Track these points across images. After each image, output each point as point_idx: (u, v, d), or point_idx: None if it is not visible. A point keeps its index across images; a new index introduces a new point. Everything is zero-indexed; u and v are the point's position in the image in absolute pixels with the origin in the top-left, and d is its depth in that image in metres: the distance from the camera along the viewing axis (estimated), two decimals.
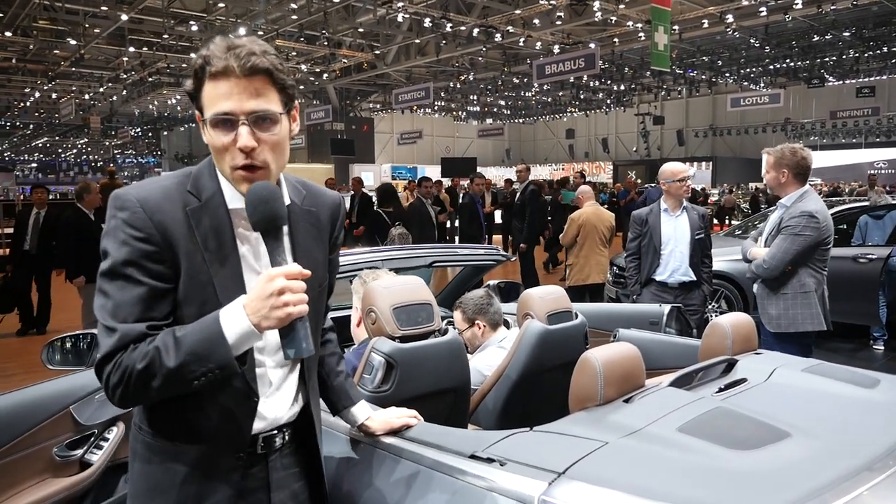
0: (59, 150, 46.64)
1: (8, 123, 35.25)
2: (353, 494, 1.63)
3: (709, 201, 22.12)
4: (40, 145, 44.55)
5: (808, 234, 3.44)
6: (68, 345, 2.53)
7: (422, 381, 2.00)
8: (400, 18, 17.79)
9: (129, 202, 1.24)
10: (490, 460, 1.41)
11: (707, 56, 23.87)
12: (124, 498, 1.88)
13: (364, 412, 1.66)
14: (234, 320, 1.19)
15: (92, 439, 2.22)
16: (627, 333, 2.89)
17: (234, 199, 1.32)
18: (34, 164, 47.48)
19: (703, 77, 26.43)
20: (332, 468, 1.72)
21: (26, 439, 1.99)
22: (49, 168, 46.84)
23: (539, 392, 2.46)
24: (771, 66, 24.90)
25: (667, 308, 3.32)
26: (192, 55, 19.49)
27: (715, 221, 20.81)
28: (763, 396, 1.66)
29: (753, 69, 25.56)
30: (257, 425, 1.36)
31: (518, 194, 9.09)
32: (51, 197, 23.83)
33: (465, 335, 2.77)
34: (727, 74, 26.13)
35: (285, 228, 1.35)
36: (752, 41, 20.95)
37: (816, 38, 21.00)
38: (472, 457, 1.44)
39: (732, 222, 18.58)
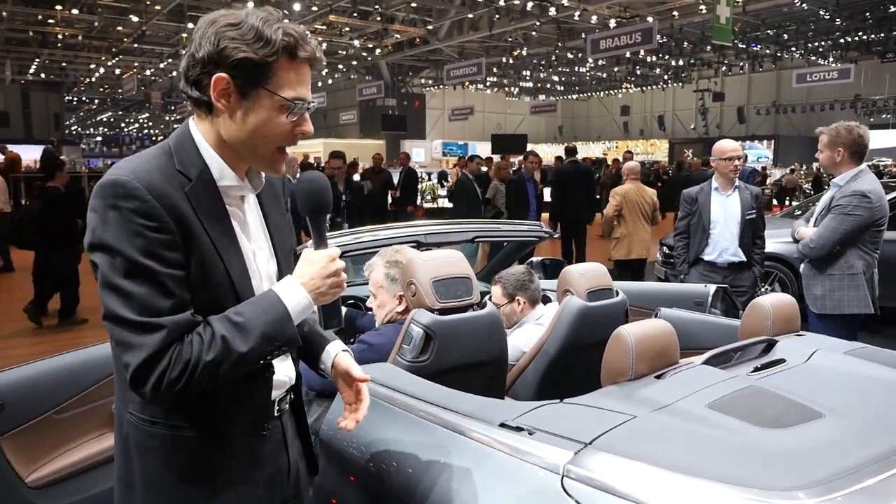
0: (122, 125, 48.23)
1: (74, 98, 36.59)
2: (385, 458, 1.70)
3: (767, 182, 21.40)
4: (104, 119, 46.14)
5: (859, 213, 3.34)
6: None
7: (459, 352, 2.04)
8: None
9: (136, 190, 1.16)
10: (519, 429, 1.45)
11: (772, 29, 22.88)
12: None
13: (338, 346, 1.53)
14: (295, 298, 1.24)
15: None
16: (669, 312, 2.86)
17: (224, 175, 1.29)
18: (99, 138, 49.30)
19: (768, 51, 25.38)
20: (366, 433, 1.79)
21: (90, 394, 2.12)
22: (112, 141, 48.49)
23: (577, 368, 2.48)
24: (841, 40, 23.70)
25: (712, 288, 3.27)
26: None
27: (775, 202, 20.15)
28: (800, 377, 1.64)
29: (822, 43, 24.39)
30: (275, 392, 1.40)
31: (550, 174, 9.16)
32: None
33: (504, 310, 2.79)
34: (793, 48, 25.02)
35: (257, 201, 1.39)
36: (821, 13, 20.00)
37: (893, 8, 19.87)
38: (502, 425, 1.49)
39: (793, 203, 17.95)
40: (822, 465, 1.20)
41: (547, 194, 12.99)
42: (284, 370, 1.43)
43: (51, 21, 19.22)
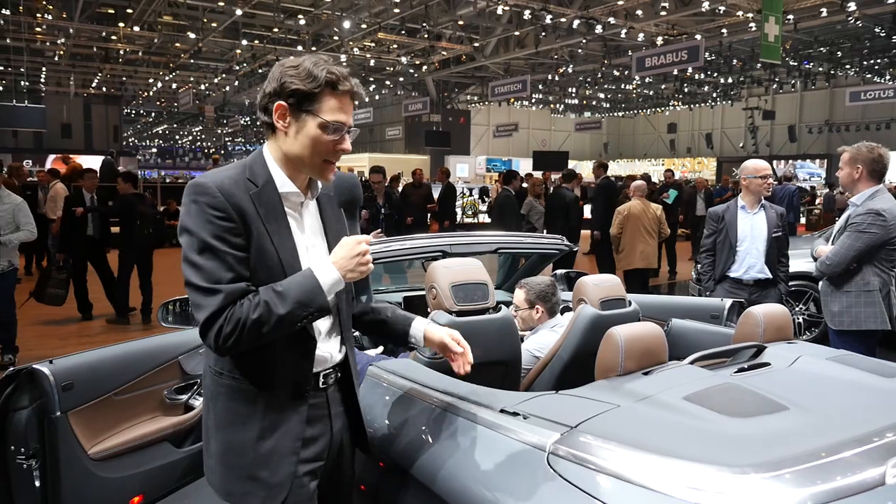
0: (177, 137, 50.00)
1: (133, 111, 38.18)
2: (406, 442, 1.90)
3: (816, 202, 20.99)
4: (160, 132, 47.92)
5: (874, 231, 3.42)
6: (178, 307, 2.94)
7: (474, 352, 2.22)
8: (500, 11, 17.92)
9: (209, 189, 1.52)
10: (516, 414, 1.63)
11: (825, 47, 22.44)
12: None
13: (423, 324, 1.91)
14: (326, 274, 1.55)
15: (195, 387, 2.60)
16: (680, 323, 2.99)
17: (284, 184, 1.63)
18: (154, 150, 51.16)
19: (821, 69, 24.89)
20: (392, 422, 1.99)
21: (145, 380, 2.37)
22: (167, 153, 50.33)
23: (588, 373, 2.63)
24: None
25: (728, 302, 3.37)
26: (300, 48, 20.51)
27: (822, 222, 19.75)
28: (779, 378, 1.78)
29: (878, 60, 23.80)
30: (318, 365, 1.69)
31: (594, 191, 9.35)
32: (167, 181, 25.72)
33: (522, 314, 2.97)
34: (847, 66, 24.48)
35: (317, 208, 1.71)
36: (877, 30, 19.56)
37: None
38: (502, 411, 1.67)
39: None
40: (775, 448, 1.35)
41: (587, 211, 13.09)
42: (327, 348, 1.72)
43: (113, 38, 20.19)
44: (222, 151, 42.02)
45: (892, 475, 1.27)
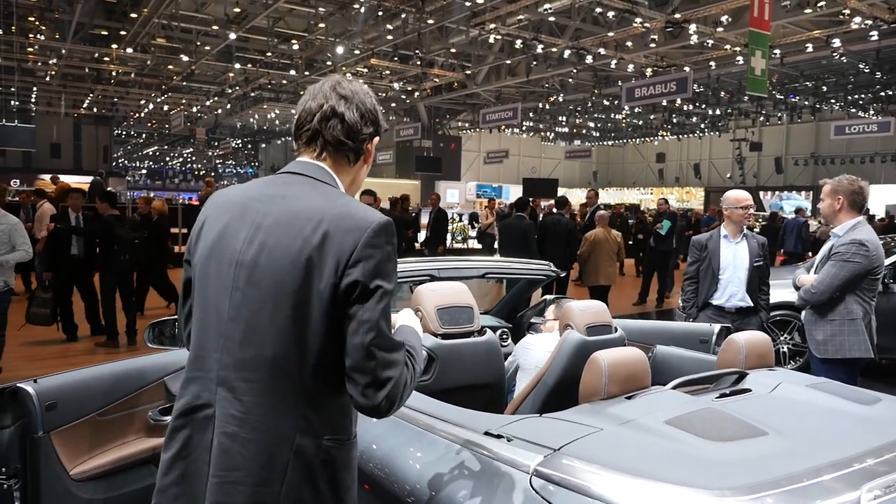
0: (167, 159, 49.96)
1: (123, 132, 38.18)
2: (391, 464, 1.90)
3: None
4: (150, 153, 47.90)
5: (858, 261, 3.50)
6: (166, 328, 2.93)
7: (459, 374, 2.24)
8: (492, 40, 18.17)
9: (394, 228, 1.36)
10: (500, 436, 1.65)
11: (811, 81, 22.93)
12: None
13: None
14: (419, 327, 1.60)
15: None
16: (664, 349, 3.02)
17: None
18: (144, 171, 51.06)
19: (806, 103, 25.37)
20: (378, 446, 1.99)
21: (129, 400, 2.36)
22: (157, 175, 50.18)
23: (574, 397, 2.64)
24: (882, 93, 23.62)
25: (717, 327, 3.41)
26: (293, 73, 20.65)
27: (809, 253, 19.96)
28: (758, 404, 1.80)
29: (862, 95, 24.31)
30: None
31: (587, 216, 9.45)
32: (158, 202, 25.70)
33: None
34: (832, 101, 24.97)
35: None
36: (861, 66, 20.02)
37: None
38: (487, 433, 1.69)
39: None
40: (752, 472, 1.37)
41: None
42: None
43: (106, 59, 20.28)
44: (213, 174, 42.07)
45: (867, 500, 1.29)
